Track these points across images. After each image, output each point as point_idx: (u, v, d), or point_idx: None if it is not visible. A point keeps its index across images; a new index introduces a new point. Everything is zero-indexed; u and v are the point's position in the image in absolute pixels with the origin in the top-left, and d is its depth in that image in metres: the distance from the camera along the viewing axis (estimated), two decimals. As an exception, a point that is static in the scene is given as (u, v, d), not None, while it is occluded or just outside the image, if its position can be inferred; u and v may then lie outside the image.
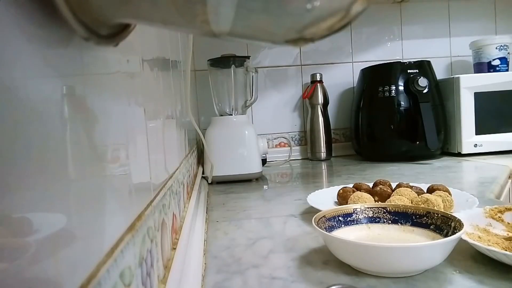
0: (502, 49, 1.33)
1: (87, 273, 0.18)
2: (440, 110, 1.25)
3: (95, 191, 0.21)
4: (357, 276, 0.41)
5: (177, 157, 0.58)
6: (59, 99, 0.18)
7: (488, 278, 0.39)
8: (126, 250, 0.24)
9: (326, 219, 0.50)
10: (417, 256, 0.39)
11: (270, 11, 0.17)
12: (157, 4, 0.19)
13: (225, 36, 0.20)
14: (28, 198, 0.14)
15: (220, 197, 0.89)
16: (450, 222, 0.45)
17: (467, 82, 1.24)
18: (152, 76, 0.41)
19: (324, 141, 1.40)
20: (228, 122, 1.10)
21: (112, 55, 0.26)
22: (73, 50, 0.20)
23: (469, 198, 0.62)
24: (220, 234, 0.60)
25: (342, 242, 0.42)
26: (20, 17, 0.15)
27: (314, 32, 0.18)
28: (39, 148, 0.15)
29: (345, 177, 1.04)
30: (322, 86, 1.41)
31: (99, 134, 0.22)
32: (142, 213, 0.30)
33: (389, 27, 1.52)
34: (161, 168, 0.42)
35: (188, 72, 0.70)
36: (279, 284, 0.41)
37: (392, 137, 1.26)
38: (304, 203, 0.72)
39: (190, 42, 0.78)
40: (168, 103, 0.52)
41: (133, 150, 0.29)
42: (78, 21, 0.18)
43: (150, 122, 0.37)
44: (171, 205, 0.46)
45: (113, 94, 0.26)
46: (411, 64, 1.25)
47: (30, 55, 0.15)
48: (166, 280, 0.35)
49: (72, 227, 0.17)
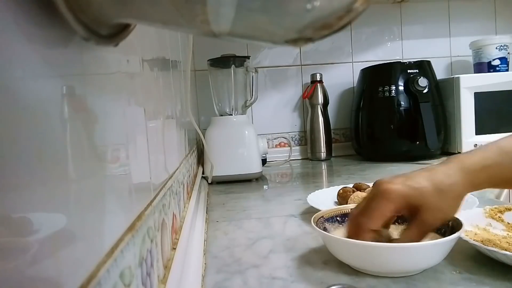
0: (502, 49, 1.33)
1: (87, 273, 0.18)
2: (440, 110, 1.25)
3: (95, 191, 0.21)
4: (357, 276, 0.41)
5: (177, 157, 0.58)
6: (59, 99, 0.18)
7: (488, 278, 0.39)
8: (126, 250, 0.24)
9: (325, 219, 0.50)
10: (416, 256, 0.39)
11: (270, 11, 0.17)
12: (157, 4, 0.19)
13: (225, 36, 0.20)
14: (28, 198, 0.14)
15: (220, 197, 0.89)
16: (448, 221, 0.45)
17: (467, 82, 1.24)
18: (152, 76, 0.41)
19: (324, 141, 1.40)
20: (228, 122, 1.10)
21: (112, 55, 0.26)
22: (73, 50, 0.20)
23: (469, 198, 0.62)
24: (220, 234, 0.60)
25: (341, 242, 0.42)
26: (20, 17, 0.15)
27: (314, 32, 0.18)
28: (39, 148, 0.15)
29: (345, 177, 1.04)
30: (322, 86, 1.41)
31: (99, 134, 0.22)
32: (142, 213, 0.30)
33: (389, 27, 1.52)
34: (161, 168, 0.42)
35: (188, 72, 0.70)
36: (279, 284, 0.41)
37: (392, 137, 1.26)
38: (304, 203, 0.72)
39: (190, 42, 0.78)
40: (168, 103, 0.52)
41: (133, 150, 0.29)
42: (78, 21, 0.18)
43: (150, 122, 0.37)
44: (171, 205, 0.46)
45: (113, 94, 0.26)
46: (411, 64, 1.25)
47: (30, 55, 0.15)
48: (166, 280, 0.35)
49: (72, 227, 0.17)
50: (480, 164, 0.40)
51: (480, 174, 0.40)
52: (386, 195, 0.40)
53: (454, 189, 0.39)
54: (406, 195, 0.39)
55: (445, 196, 0.39)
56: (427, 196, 0.39)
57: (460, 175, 0.40)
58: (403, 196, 0.39)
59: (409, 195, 0.39)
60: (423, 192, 0.39)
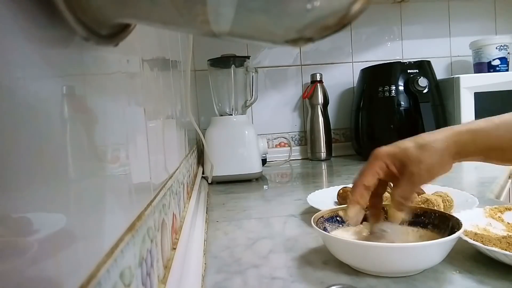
0: (502, 49, 1.33)
1: (87, 273, 0.18)
2: (440, 110, 1.25)
3: (95, 191, 0.21)
4: (357, 276, 0.41)
5: (177, 157, 0.58)
6: (59, 99, 0.18)
7: (488, 278, 0.39)
8: (126, 250, 0.24)
9: (325, 219, 0.50)
10: (416, 256, 0.39)
11: (270, 11, 0.17)
12: (157, 4, 0.19)
13: (225, 36, 0.20)
14: (28, 198, 0.14)
15: (220, 197, 0.89)
16: (448, 221, 0.45)
17: (467, 82, 1.24)
18: (152, 76, 0.41)
19: (324, 141, 1.40)
20: (228, 122, 1.10)
21: (112, 55, 0.26)
22: (73, 50, 0.20)
23: (469, 198, 0.62)
24: (220, 234, 0.60)
25: (341, 242, 0.42)
26: (20, 17, 0.15)
27: (314, 32, 0.18)
28: (39, 148, 0.15)
29: (345, 177, 1.04)
30: (322, 86, 1.40)
31: (99, 134, 0.22)
32: (142, 213, 0.30)
33: (389, 27, 1.52)
34: (161, 168, 0.42)
35: (188, 72, 0.70)
36: (279, 284, 0.41)
37: (392, 137, 1.24)
38: (304, 203, 0.72)
39: (190, 42, 0.78)
40: (168, 103, 0.52)
41: (133, 150, 0.29)
42: (78, 21, 0.18)
43: (150, 122, 0.37)
44: (171, 205, 0.46)
45: (113, 94, 0.26)
46: (411, 64, 1.25)
47: (30, 55, 0.15)
48: (166, 280, 0.35)
49: (72, 227, 0.17)
50: (467, 127, 0.44)
51: (465, 135, 0.43)
52: (375, 155, 0.46)
53: (435, 145, 0.43)
54: (392, 153, 0.45)
55: (426, 150, 0.43)
56: (410, 151, 0.44)
57: (444, 134, 0.44)
58: (389, 154, 0.45)
59: (395, 152, 0.45)
60: (407, 149, 0.44)
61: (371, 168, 0.45)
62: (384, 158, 0.45)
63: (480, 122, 0.44)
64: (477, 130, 0.43)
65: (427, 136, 0.44)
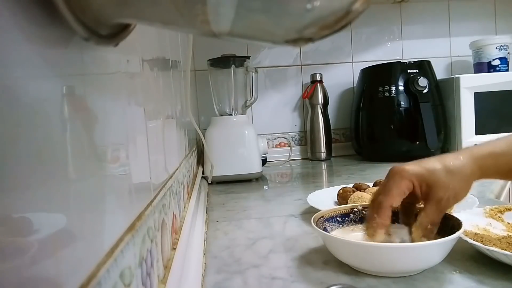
0: (502, 49, 1.33)
1: (87, 273, 0.18)
2: (440, 110, 1.25)
3: (95, 191, 0.21)
4: (357, 276, 0.41)
5: (177, 157, 0.58)
6: (59, 99, 0.18)
7: (488, 278, 0.39)
8: (126, 250, 0.24)
9: (325, 219, 0.50)
10: (416, 256, 0.39)
11: (270, 11, 0.17)
12: (157, 4, 0.19)
13: (225, 36, 0.20)
14: (28, 198, 0.14)
15: (220, 197, 0.89)
16: (448, 221, 0.45)
17: (467, 82, 1.24)
18: (152, 76, 0.41)
19: (324, 141, 1.40)
20: (228, 122, 1.10)
21: (112, 55, 0.26)
22: (73, 50, 0.20)
23: (469, 198, 0.62)
24: (220, 234, 0.60)
25: (341, 242, 0.42)
26: (20, 17, 0.15)
27: (314, 32, 0.18)
28: (39, 148, 0.15)
29: (345, 177, 1.04)
30: (322, 86, 1.40)
31: (99, 134, 0.22)
32: (142, 213, 0.30)
33: (389, 27, 1.52)
34: (161, 168, 0.42)
35: (188, 72, 0.70)
36: (279, 284, 0.41)
37: (392, 137, 1.26)
38: (304, 203, 0.72)
39: (190, 42, 0.78)
40: (168, 103, 0.52)
41: (133, 150, 0.29)
42: (78, 21, 0.18)
43: (150, 122, 0.37)
44: (171, 205, 0.46)
45: (113, 94, 0.26)
46: (411, 64, 1.25)
47: (30, 55, 0.15)
48: (166, 280, 0.35)
49: (72, 227, 0.17)
50: (489, 151, 0.44)
51: (488, 160, 0.43)
52: (401, 174, 0.44)
53: (463, 170, 0.43)
54: (419, 173, 0.43)
55: (455, 176, 0.42)
56: (438, 175, 0.43)
57: (469, 159, 0.43)
58: (416, 174, 0.43)
59: (422, 173, 0.43)
60: (435, 171, 0.43)
61: (398, 187, 0.43)
62: (411, 178, 0.43)
63: (501, 144, 0.44)
64: (500, 155, 0.43)
65: (453, 159, 0.43)
